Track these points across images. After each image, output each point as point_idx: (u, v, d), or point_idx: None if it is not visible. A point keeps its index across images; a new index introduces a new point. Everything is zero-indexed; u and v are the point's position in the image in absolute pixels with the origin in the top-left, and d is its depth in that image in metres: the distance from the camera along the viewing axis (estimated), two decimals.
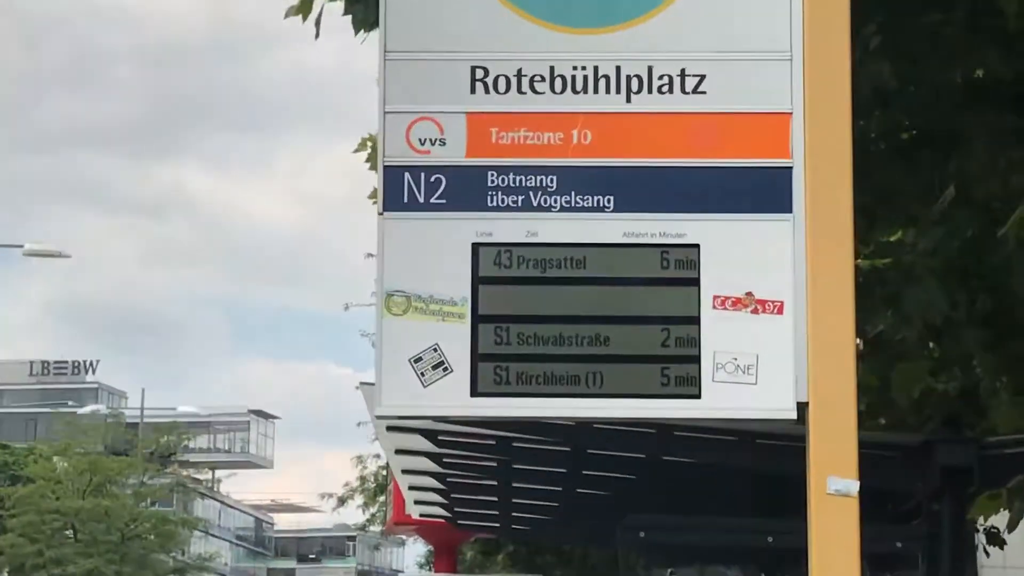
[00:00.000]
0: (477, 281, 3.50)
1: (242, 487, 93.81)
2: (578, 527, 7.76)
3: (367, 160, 15.43)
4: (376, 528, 31.65)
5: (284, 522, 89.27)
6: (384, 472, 23.37)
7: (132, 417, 56.39)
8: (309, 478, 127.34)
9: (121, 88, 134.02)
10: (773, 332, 3.45)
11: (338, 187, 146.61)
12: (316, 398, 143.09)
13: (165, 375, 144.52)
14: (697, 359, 3.44)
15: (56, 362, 77.30)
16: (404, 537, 32.01)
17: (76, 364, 76.57)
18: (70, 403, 61.33)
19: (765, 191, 3.49)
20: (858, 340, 3.35)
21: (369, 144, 15.21)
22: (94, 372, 76.55)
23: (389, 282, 3.53)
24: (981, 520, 7.88)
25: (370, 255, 23.82)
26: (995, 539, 9.17)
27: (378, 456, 25.85)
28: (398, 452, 6.30)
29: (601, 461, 6.13)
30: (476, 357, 3.47)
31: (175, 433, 54.32)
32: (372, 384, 5.97)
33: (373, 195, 16.62)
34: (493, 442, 5.84)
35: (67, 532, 44.57)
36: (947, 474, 4.90)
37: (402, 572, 67.42)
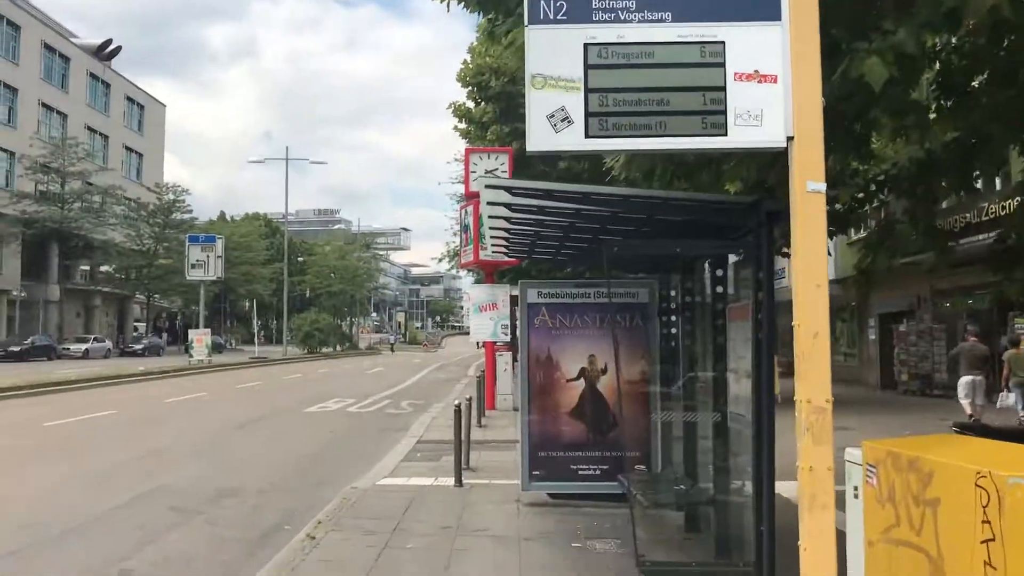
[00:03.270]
0: (587, 67, 5.37)
1: None
2: (573, 252, 11.03)
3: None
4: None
5: None
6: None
7: None
8: None
9: None
10: (771, 94, 5.35)
11: None
12: None
13: None
14: (724, 112, 5.35)
15: None
16: (462, 274, 54.91)
17: None
18: None
19: (766, 5, 5.44)
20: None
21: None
22: None
23: (532, 68, 5.38)
24: None
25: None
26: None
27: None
28: (489, 204, 8.40)
29: (587, 217, 8.58)
30: (588, 114, 5.33)
31: None
32: (491, 187, 7.94)
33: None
34: (535, 206, 8.26)
35: None
36: (768, 215, 7.14)
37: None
